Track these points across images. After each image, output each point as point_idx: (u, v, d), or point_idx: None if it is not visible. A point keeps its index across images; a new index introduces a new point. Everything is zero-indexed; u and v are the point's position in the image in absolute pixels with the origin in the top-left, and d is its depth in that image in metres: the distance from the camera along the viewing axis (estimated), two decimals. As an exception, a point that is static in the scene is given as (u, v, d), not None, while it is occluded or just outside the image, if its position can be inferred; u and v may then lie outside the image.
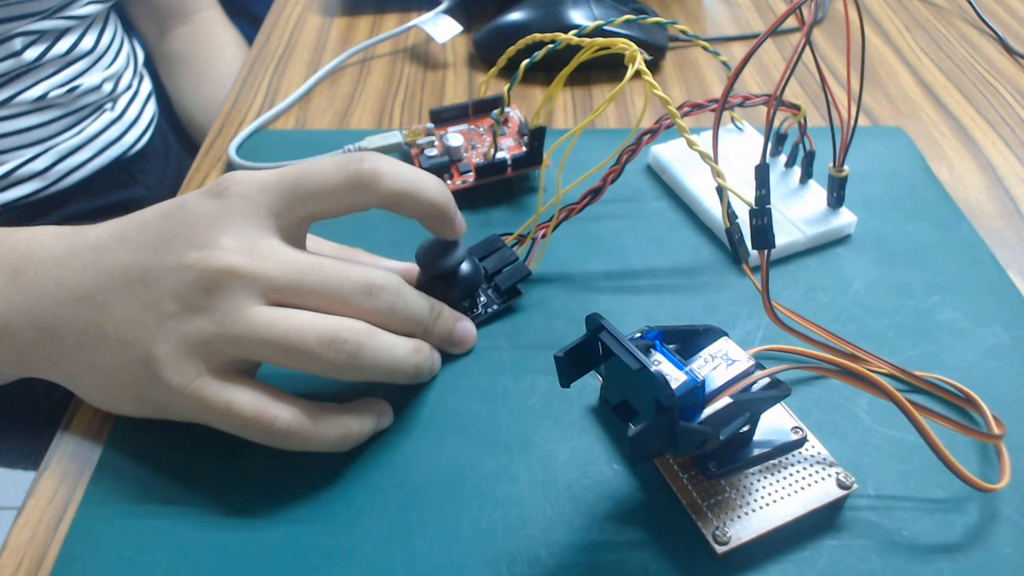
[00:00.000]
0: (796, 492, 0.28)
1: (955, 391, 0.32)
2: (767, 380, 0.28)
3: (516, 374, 0.34)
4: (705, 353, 0.28)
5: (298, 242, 0.31)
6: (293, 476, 0.30)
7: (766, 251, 0.31)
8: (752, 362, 0.28)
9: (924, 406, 0.28)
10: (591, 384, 0.33)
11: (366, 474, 0.30)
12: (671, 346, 0.29)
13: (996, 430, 0.30)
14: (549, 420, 0.32)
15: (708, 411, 0.26)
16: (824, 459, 0.29)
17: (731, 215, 0.32)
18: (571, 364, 0.27)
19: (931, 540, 0.28)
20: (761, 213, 0.31)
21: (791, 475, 0.29)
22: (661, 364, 0.27)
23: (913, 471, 0.30)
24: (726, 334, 0.29)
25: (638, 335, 0.28)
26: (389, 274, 0.31)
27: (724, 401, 0.26)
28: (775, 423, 0.30)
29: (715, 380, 0.27)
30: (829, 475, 0.29)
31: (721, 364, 0.27)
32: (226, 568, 0.27)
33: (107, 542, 0.28)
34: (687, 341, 0.29)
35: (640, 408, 0.26)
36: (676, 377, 0.26)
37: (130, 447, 0.31)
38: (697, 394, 0.26)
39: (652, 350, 0.28)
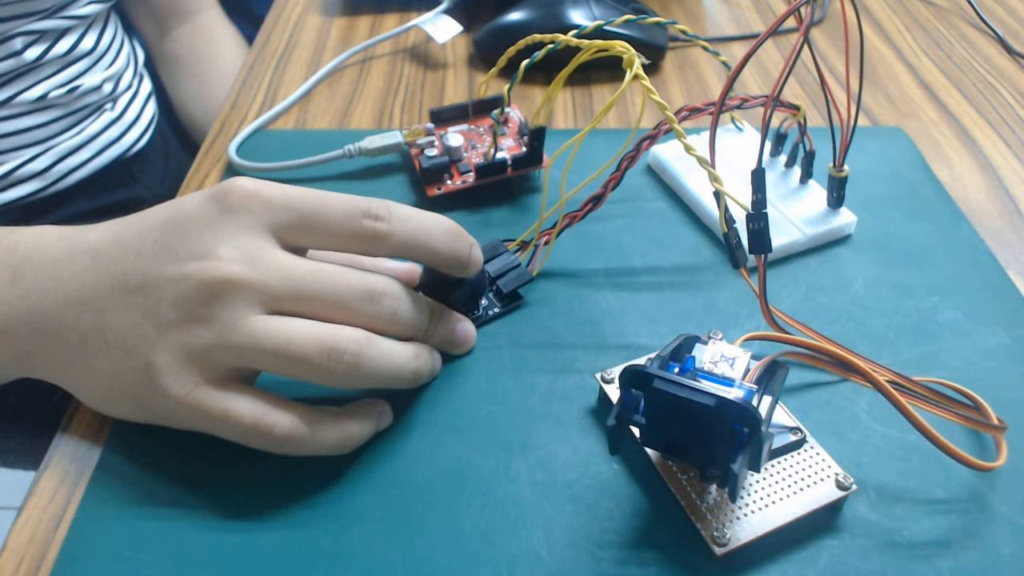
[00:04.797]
0: (795, 493, 0.28)
1: (957, 395, 0.32)
2: (764, 366, 0.28)
3: (516, 374, 0.34)
4: (705, 361, 0.28)
5: (298, 249, 0.31)
6: (293, 477, 0.30)
7: (763, 255, 0.31)
8: (749, 353, 0.28)
9: (919, 395, 0.28)
10: (590, 384, 0.33)
11: (366, 475, 0.30)
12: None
13: (999, 422, 0.30)
14: (549, 420, 0.32)
15: (764, 405, 0.25)
16: (823, 460, 0.29)
17: (729, 220, 0.32)
18: (622, 427, 0.26)
19: (931, 540, 0.28)
20: (757, 218, 0.31)
21: (790, 476, 0.29)
22: (717, 389, 0.26)
23: (913, 471, 0.30)
24: (699, 338, 0.28)
25: (676, 371, 0.27)
26: (389, 279, 0.30)
27: (767, 401, 0.26)
28: (774, 424, 0.30)
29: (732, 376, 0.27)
30: (828, 476, 0.29)
31: (725, 365, 0.27)
32: (226, 569, 0.27)
33: (107, 542, 0.28)
34: (676, 358, 0.29)
35: (697, 443, 0.26)
36: (736, 394, 0.25)
37: (130, 448, 0.31)
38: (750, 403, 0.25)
39: (696, 377, 0.27)
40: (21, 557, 0.28)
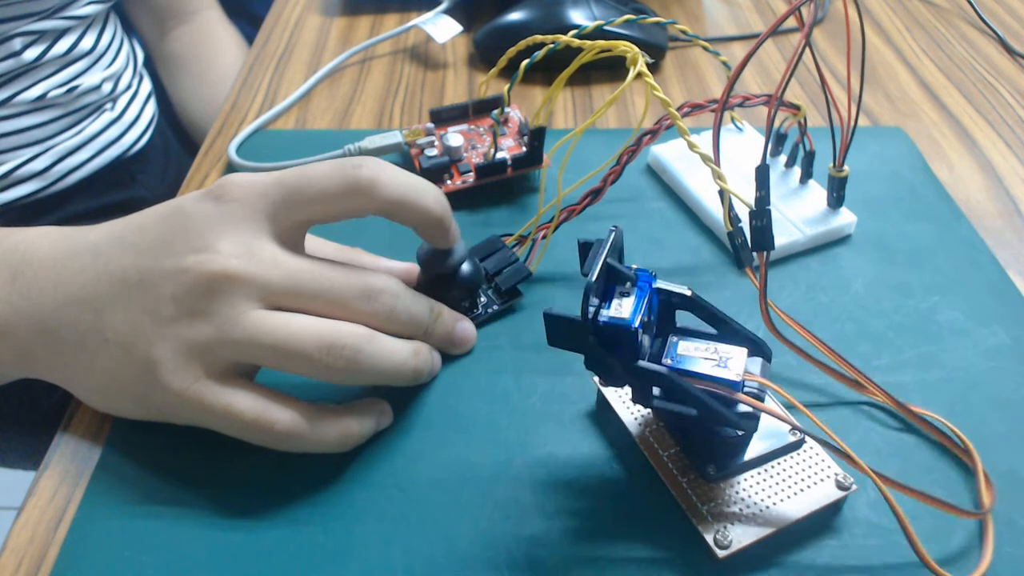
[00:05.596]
0: (796, 494, 0.28)
1: (952, 435, 0.31)
2: (746, 409, 0.27)
3: (516, 374, 0.34)
4: (713, 344, 0.28)
5: (296, 246, 0.31)
6: (293, 476, 0.30)
7: (765, 253, 0.31)
8: (739, 379, 0.27)
9: (906, 486, 0.26)
10: (590, 386, 0.33)
11: (366, 474, 0.30)
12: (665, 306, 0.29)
13: (985, 496, 0.29)
14: (549, 420, 0.32)
15: (645, 364, 0.26)
16: (823, 460, 0.29)
17: (734, 219, 0.32)
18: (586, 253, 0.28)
19: (931, 540, 0.28)
20: (761, 215, 0.31)
21: (790, 477, 0.29)
22: (626, 297, 0.27)
23: (913, 471, 0.30)
24: (765, 355, 0.28)
25: (633, 266, 0.28)
26: (388, 277, 0.31)
27: (658, 367, 0.26)
28: (773, 425, 0.30)
29: (691, 365, 0.27)
30: (828, 476, 0.29)
31: (713, 361, 0.27)
32: (226, 569, 0.27)
33: (107, 542, 0.28)
34: (725, 332, 0.28)
35: None
36: (620, 312, 0.26)
37: (130, 447, 0.31)
38: (626, 336, 0.26)
39: (631, 284, 0.27)
40: (21, 557, 0.28)
